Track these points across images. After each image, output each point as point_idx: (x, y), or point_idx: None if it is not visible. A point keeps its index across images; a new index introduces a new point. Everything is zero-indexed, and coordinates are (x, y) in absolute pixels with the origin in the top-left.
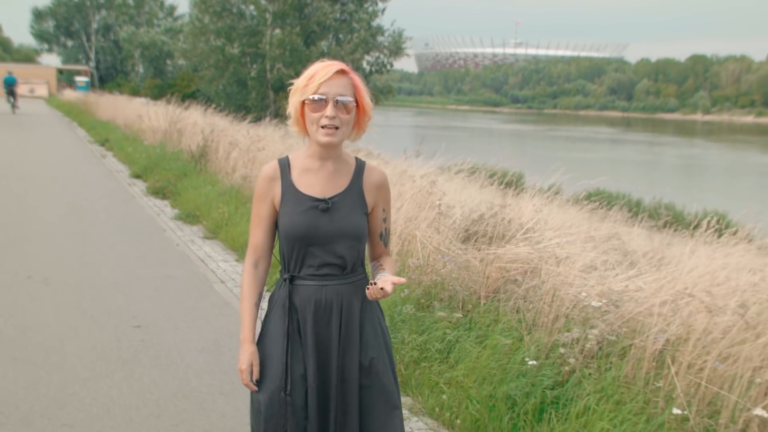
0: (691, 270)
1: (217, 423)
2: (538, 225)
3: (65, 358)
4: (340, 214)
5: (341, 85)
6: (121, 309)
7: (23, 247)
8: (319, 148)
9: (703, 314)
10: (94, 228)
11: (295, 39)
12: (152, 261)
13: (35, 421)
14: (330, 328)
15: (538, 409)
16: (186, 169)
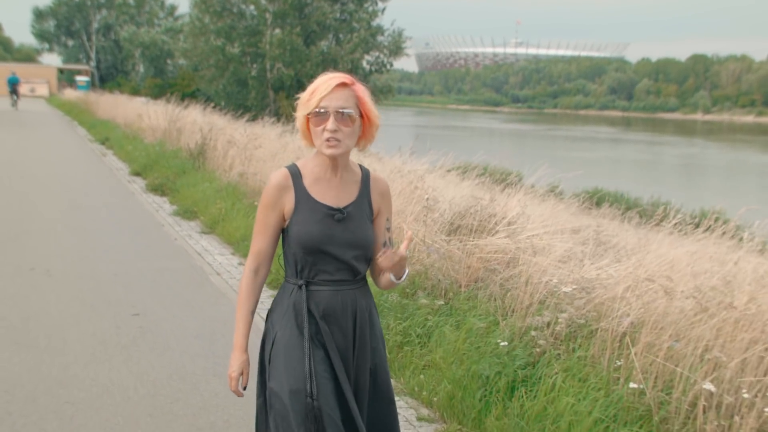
0: (657, 258)
1: (210, 401)
2: (521, 219)
3: (67, 344)
4: (354, 223)
5: (342, 98)
6: (120, 299)
7: (26, 241)
8: (327, 159)
9: (662, 298)
10: (95, 223)
11: (295, 39)
12: (150, 254)
13: (39, 398)
14: (347, 333)
15: (510, 387)
16: (185, 166)
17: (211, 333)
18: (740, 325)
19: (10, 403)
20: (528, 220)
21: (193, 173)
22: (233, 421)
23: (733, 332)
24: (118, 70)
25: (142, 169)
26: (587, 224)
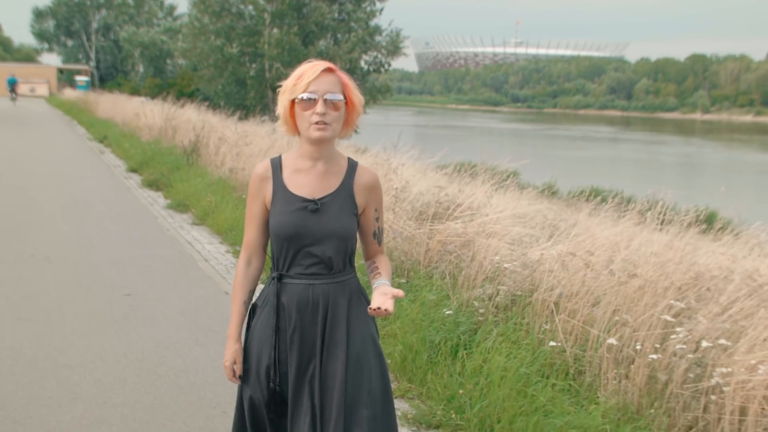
0: (589, 238)
1: (192, 365)
2: (485, 207)
3: (64, 319)
4: (329, 215)
5: (330, 83)
6: (114, 281)
7: (27, 231)
8: (310, 148)
9: (583, 270)
10: (92, 216)
11: (293, 39)
12: (144, 243)
13: (39, 362)
14: (314, 326)
15: (453, 350)
16: (179, 163)
17: (195, 309)
18: (642, 291)
19: (14, 366)
20: (490, 208)
21: (186, 169)
22: (210, 381)
23: (637, 297)
24: (118, 70)
25: (139, 165)
26: (541, 211)
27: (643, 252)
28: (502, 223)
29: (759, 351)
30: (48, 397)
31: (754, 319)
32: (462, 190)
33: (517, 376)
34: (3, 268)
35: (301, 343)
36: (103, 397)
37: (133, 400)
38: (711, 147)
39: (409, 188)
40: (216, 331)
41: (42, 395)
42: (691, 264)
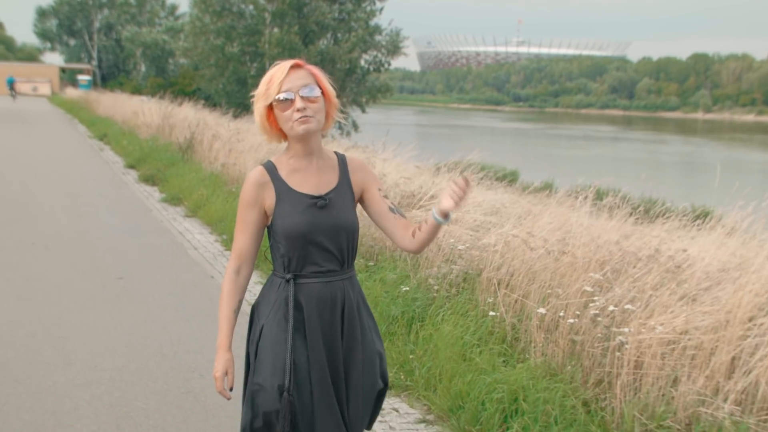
0: (536, 223)
1: (176, 337)
2: None
3: (61, 299)
4: (337, 209)
5: (301, 78)
6: (108, 266)
7: (28, 222)
8: (300, 146)
9: (521, 248)
10: (90, 208)
11: (294, 38)
12: (138, 233)
13: (37, 334)
14: (335, 324)
15: (409, 322)
16: (174, 159)
17: (182, 291)
18: (573, 268)
19: (14, 337)
20: None
21: (181, 165)
22: (191, 350)
23: (569, 273)
24: (120, 69)
25: (136, 162)
26: (505, 201)
27: (579, 234)
28: (466, 210)
29: (658, 315)
30: (45, 362)
31: (661, 290)
32: (435, 183)
33: (460, 343)
34: (5, 254)
35: (324, 343)
36: (94, 363)
37: (120, 365)
38: (710, 146)
39: (384, 179)
40: (200, 310)
41: (39, 361)
42: (623, 244)
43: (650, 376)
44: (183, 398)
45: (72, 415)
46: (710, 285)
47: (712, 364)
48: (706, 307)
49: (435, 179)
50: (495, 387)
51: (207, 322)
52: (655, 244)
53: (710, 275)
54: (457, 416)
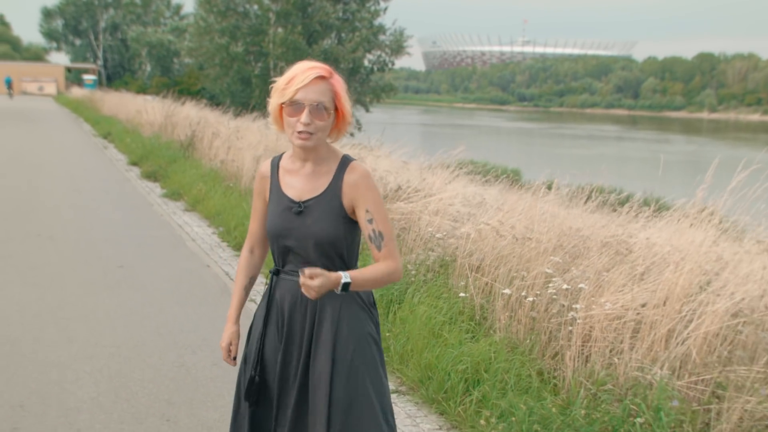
0: (509, 212)
1: (171, 318)
2: (440, 192)
3: (65, 284)
4: (312, 218)
5: (319, 92)
6: (110, 256)
7: (33, 215)
8: (298, 151)
9: (494, 237)
10: (93, 202)
11: (298, 38)
12: (138, 225)
13: (42, 315)
14: (302, 323)
15: (388, 305)
16: (175, 156)
17: (179, 278)
18: (537, 253)
19: (21, 318)
20: (445, 193)
21: (182, 161)
22: (185, 329)
23: (533, 257)
24: (125, 68)
25: (139, 159)
26: (485, 194)
27: (544, 222)
28: (449, 203)
29: (608, 294)
30: (49, 339)
31: (612, 271)
32: (425, 178)
33: (432, 322)
34: (13, 244)
35: (288, 338)
36: (95, 340)
37: (119, 342)
38: (712, 145)
39: (373, 173)
40: (196, 295)
41: (44, 338)
42: (587, 231)
43: (597, 348)
44: (176, 371)
45: (74, 385)
46: (654, 266)
47: (652, 336)
48: (651, 286)
49: (423, 174)
50: (461, 359)
51: (201, 306)
52: (612, 231)
53: (662, 258)
54: (426, 386)
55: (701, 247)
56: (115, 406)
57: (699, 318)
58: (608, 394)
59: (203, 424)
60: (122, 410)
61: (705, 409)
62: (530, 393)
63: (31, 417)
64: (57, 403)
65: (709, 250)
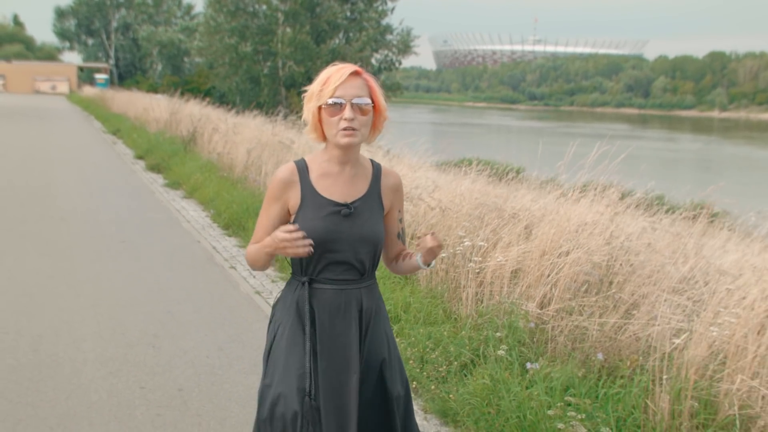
0: (443, 192)
1: (163, 281)
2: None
3: (74, 255)
4: (362, 219)
5: (357, 87)
6: (113, 233)
7: (48, 201)
8: (338, 152)
9: (427, 210)
10: (101, 191)
11: (306, 37)
12: (140, 209)
13: (55, 277)
14: (350, 332)
15: None
16: (178, 150)
17: (172, 251)
18: (455, 220)
19: (36, 279)
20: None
21: (183, 155)
22: (175, 287)
23: (453, 224)
24: (137, 68)
25: (144, 153)
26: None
27: (466, 196)
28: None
29: (500, 249)
30: (61, 294)
31: (505, 230)
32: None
33: (402, 301)
34: (29, 225)
35: (333, 350)
36: (98, 295)
37: (118, 296)
38: (718, 143)
39: None
40: (185, 263)
41: (56, 293)
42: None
43: (487, 290)
44: (163, 315)
45: (80, 323)
46: (538, 229)
47: (528, 279)
48: (536, 242)
49: (416, 173)
50: (387, 303)
51: (188, 271)
52: (528, 204)
53: (540, 220)
54: None
55: (568, 212)
56: (112, 337)
57: (560, 266)
58: (489, 322)
59: (183, 350)
60: (118, 340)
61: (552, 327)
62: (435, 325)
63: (48, 345)
64: (67, 334)
65: (575, 214)
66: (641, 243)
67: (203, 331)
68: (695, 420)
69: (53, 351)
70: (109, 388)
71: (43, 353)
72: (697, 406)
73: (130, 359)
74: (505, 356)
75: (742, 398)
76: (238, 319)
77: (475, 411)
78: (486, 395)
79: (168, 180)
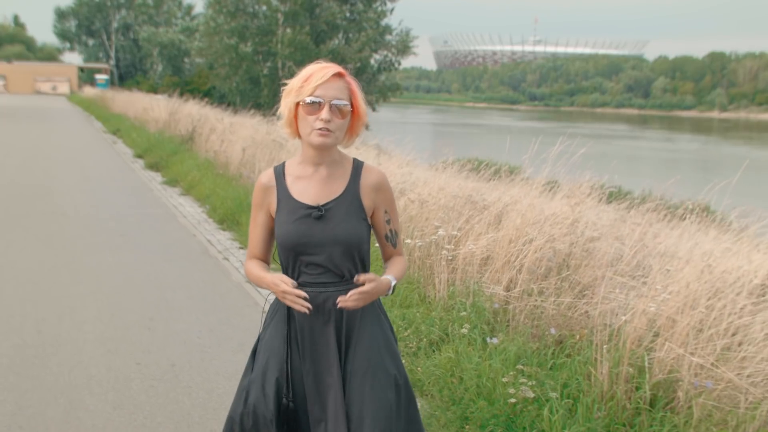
0: (425, 187)
1: (159, 270)
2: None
3: (75, 247)
4: (335, 221)
5: (337, 89)
6: (113, 228)
7: (49, 197)
8: (312, 153)
9: (408, 203)
10: (101, 188)
11: (305, 38)
12: (139, 206)
13: (58, 268)
14: (328, 334)
15: None
16: (176, 149)
17: (168, 244)
18: (432, 212)
19: (42, 268)
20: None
21: (182, 153)
22: (169, 275)
23: (431, 216)
24: (137, 68)
25: (144, 152)
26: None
27: (444, 190)
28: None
29: (472, 238)
30: (62, 282)
31: (474, 221)
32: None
33: None
34: (33, 219)
35: (314, 353)
36: (98, 283)
37: (116, 284)
38: (715, 143)
39: None
40: (180, 255)
41: (58, 281)
42: (467, 196)
43: (459, 276)
44: (160, 302)
45: (81, 308)
46: (507, 218)
47: (496, 265)
48: (504, 231)
49: (401, 170)
50: None
51: (183, 262)
52: (504, 197)
53: (507, 211)
54: None
55: (534, 203)
56: (111, 320)
57: (525, 252)
58: (458, 304)
59: (176, 331)
60: (116, 323)
61: (514, 308)
62: (410, 308)
63: (51, 327)
64: (69, 318)
65: (543, 205)
66: (602, 232)
67: (195, 314)
68: (630, 383)
69: (56, 332)
70: (108, 364)
71: (47, 334)
72: (632, 371)
73: (127, 339)
74: (468, 333)
75: (670, 364)
76: (229, 304)
77: (439, 381)
78: (450, 367)
79: (166, 178)
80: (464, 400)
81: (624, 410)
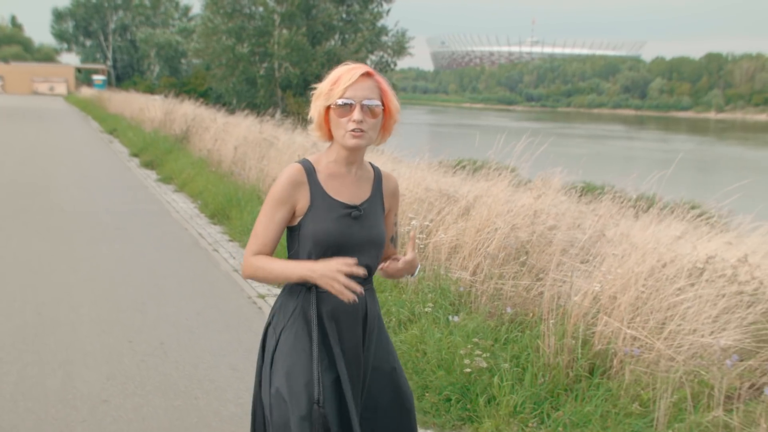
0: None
1: (152, 259)
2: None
3: (73, 240)
4: (369, 221)
5: (367, 89)
6: (108, 222)
7: (47, 195)
8: (345, 153)
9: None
10: (97, 186)
11: (302, 39)
12: (134, 202)
13: (56, 258)
14: (356, 335)
15: None
16: (171, 147)
17: (160, 236)
18: (409, 205)
19: (40, 259)
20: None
21: (176, 152)
22: (161, 263)
23: (411, 208)
24: (134, 69)
25: (139, 151)
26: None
27: (420, 184)
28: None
29: (443, 227)
30: (60, 271)
31: (445, 212)
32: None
33: None
34: (31, 214)
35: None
36: (94, 272)
37: (111, 273)
38: (709, 143)
39: None
40: (172, 247)
41: (56, 270)
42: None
43: (430, 263)
44: (152, 289)
45: (78, 294)
46: (475, 209)
47: (462, 252)
48: (472, 221)
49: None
50: None
51: (175, 253)
52: (481, 193)
53: (476, 201)
54: None
55: (500, 197)
56: (105, 304)
57: (491, 240)
58: (427, 288)
59: (166, 314)
60: (110, 307)
61: (477, 290)
62: (383, 293)
63: (49, 310)
64: (66, 302)
65: (509, 197)
66: (563, 222)
67: (185, 299)
68: (573, 354)
69: (54, 314)
70: (102, 342)
71: (46, 316)
72: (575, 343)
73: (120, 321)
74: (432, 312)
75: (609, 337)
76: (217, 291)
77: (405, 355)
78: (415, 342)
79: (161, 175)
80: (426, 371)
81: (566, 377)
